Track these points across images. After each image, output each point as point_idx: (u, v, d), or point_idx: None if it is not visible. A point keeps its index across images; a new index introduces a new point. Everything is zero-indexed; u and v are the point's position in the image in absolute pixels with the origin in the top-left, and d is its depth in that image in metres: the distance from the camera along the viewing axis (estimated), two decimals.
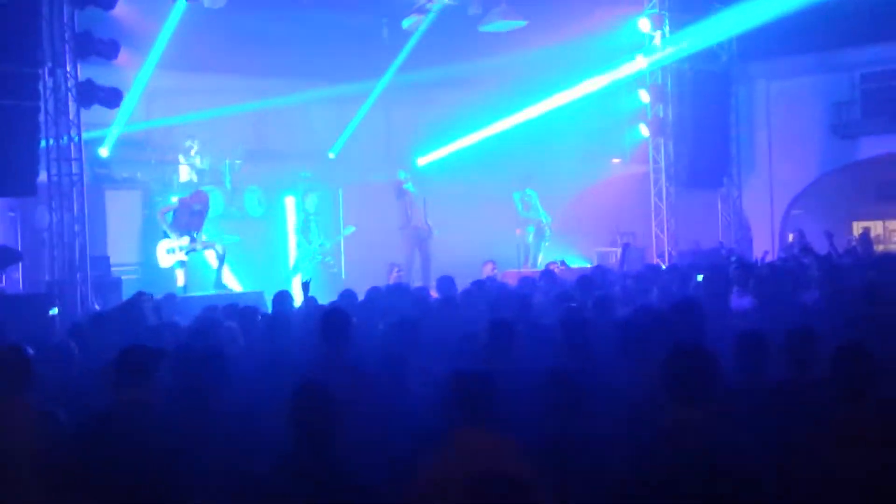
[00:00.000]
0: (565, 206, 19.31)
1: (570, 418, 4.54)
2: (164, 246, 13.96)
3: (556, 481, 4.06)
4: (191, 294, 13.52)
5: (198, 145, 16.47)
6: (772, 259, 14.73)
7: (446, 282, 10.07)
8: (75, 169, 12.57)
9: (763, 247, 18.14)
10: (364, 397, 5.00)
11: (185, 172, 16.50)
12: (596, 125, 19.19)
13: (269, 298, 10.60)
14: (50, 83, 12.27)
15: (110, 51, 12.80)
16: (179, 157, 16.61)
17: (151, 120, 16.99)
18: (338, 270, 17.58)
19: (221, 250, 14.30)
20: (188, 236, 13.97)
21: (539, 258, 17.19)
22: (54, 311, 11.29)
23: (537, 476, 4.04)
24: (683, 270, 11.00)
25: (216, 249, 14.28)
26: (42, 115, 11.94)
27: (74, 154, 12.55)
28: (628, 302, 8.54)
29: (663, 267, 13.50)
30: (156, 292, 10.13)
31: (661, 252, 17.90)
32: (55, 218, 12.42)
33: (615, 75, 17.75)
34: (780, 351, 5.33)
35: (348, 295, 9.26)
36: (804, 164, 19.37)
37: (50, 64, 12.25)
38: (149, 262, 15.06)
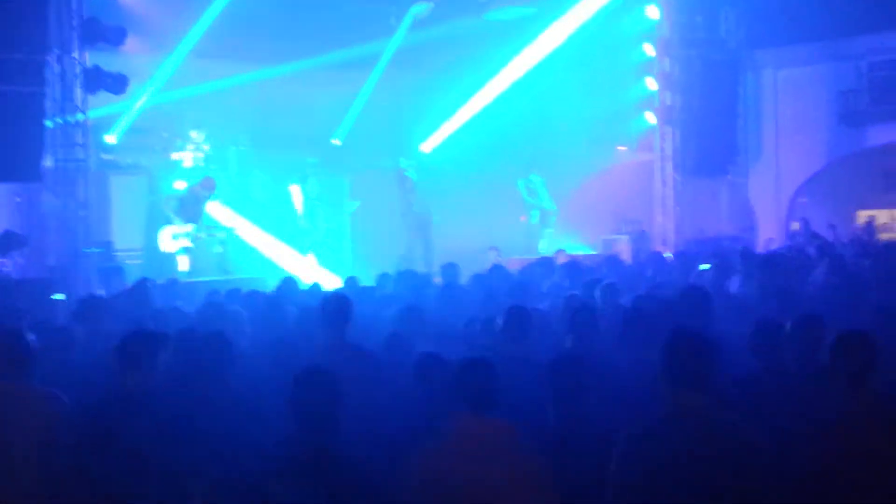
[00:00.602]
0: (571, 194, 19.25)
1: (575, 405, 4.54)
2: (169, 231, 13.99)
3: (559, 467, 4.07)
4: (194, 279, 13.53)
5: (202, 132, 16.44)
6: (777, 247, 14.70)
7: (450, 268, 10.09)
8: (80, 155, 12.60)
9: (768, 235, 18.12)
10: (367, 381, 5.01)
11: (190, 159, 16.47)
12: (602, 113, 19.13)
13: (272, 285, 10.58)
14: (57, 69, 12.27)
15: (117, 37, 12.81)
16: (184, 144, 16.58)
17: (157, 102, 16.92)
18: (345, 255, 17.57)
19: (224, 235, 14.33)
20: (193, 223, 14.00)
21: (540, 244, 17.22)
22: (59, 296, 11.30)
23: (539, 462, 4.05)
24: (688, 258, 11.00)
25: (219, 236, 14.32)
26: (48, 101, 11.95)
27: (80, 140, 12.56)
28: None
29: (667, 255, 13.45)
30: (159, 278, 10.14)
31: (665, 240, 17.87)
32: (60, 203, 12.45)
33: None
34: (786, 338, 5.32)
35: (352, 281, 9.28)
36: (811, 153, 19.31)
37: (57, 50, 12.25)
38: (153, 248, 15.08)
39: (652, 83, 18.00)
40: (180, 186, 15.21)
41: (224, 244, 14.31)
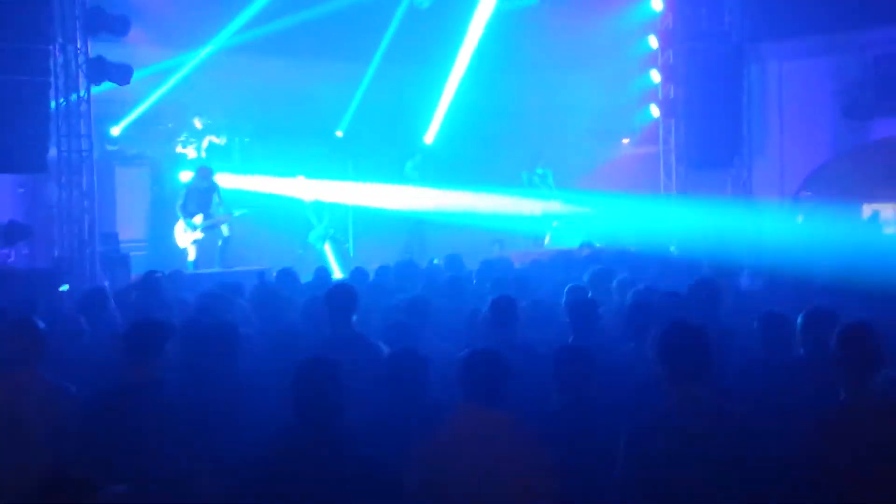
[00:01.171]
0: (575, 186, 19.23)
1: (579, 396, 4.55)
2: (181, 226, 14.08)
3: (563, 459, 4.07)
4: (199, 271, 13.56)
5: (206, 123, 16.44)
6: None
7: (454, 260, 10.11)
8: (85, 145, 12.59)
9: None
10: (371, 371, 5.01)
11: (194, 150, 16.48)
12: (606, 105, 19.10)
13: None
14: (60, 59, 12.27)
15: (121, 27, 12.79)
16: (188, 135, 16.59)
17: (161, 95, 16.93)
18: (348, 247, 17.58)
19: (227, 231, 14.39)
20: (201, 213, 14.07)
21: (546, 238, 17.22)
22: (65, 288, 11.32)
23: (542, 453, 4.06)
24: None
25: (225, 225, 14.39)
26: (52, 91, 11.95)
27: (84, 130, 12.56)
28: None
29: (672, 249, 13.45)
30: (164, 269, 10.15)
31: None
32: (64, 194, 12.45)
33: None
34: (796, 330, 5.32)
35: (359, 273, 9.28)
36: (815, 146, 19.24)
37: (60, 40, 12.24)
38: (158, 239, 15.11)
39: (656, 75, 17.97)
40: (185, 177, 15.21)
41: (226, 237, 14.35)
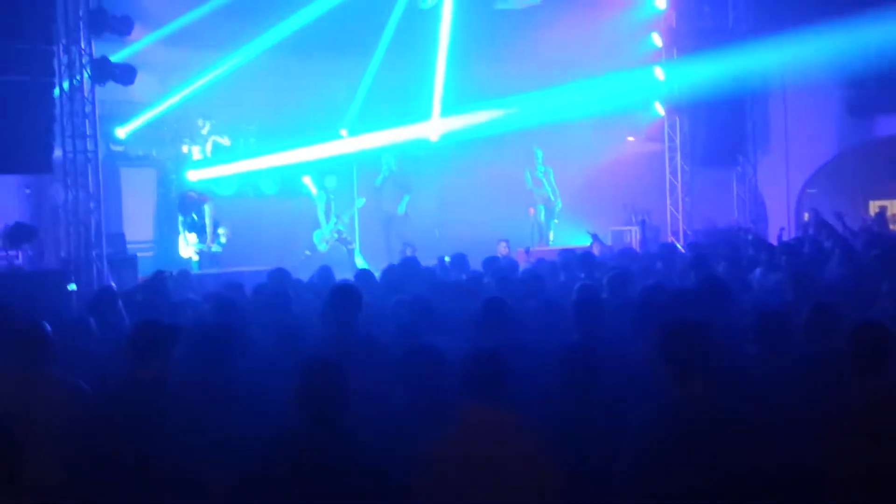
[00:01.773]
0: (580, 185, 19.24)
1: (584, 396, 4.55)
2: (181, 241, 14.34)
3: (568, 459, 4.07)
4: (206, 271, 13.63)
5: (211, 124, 16.48)
6: (788, 237, 14.67)
7: (459, 259, 10.11)
8: (90, 146, 12.62)
9: (779, 226, 18.07)
10: (378, 371, 5.01)
11: (199, 151, 16.52)
12: (611, 102, 19.09)
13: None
14: (65, 60, 12.30)
15: (124, 27, 12.82)
16: (193, 135, 16.63)
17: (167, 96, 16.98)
18: (354, 248, 17.60)
19: (225, 239, 14.58)
20: (195, 232, 14.35)
21: (550, 236, 17.23)
22: (72, 287, 11.36)
23: (548, 452, 4.06)
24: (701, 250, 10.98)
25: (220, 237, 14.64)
26: (57, 92, 11.98)
27: (89, 131, 12.59)
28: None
29: (679, 246, 13.45)
30: (171, 269, 10.19)
31: (675, 230, 17.86)
32: (70, 195, 12.48)
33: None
34: (805, 326, 5.31)
35: (365, 275, 9.27)
36: (820, 143, 19.23)
37: (64, 41, 12.27)
38: (164, 240, 15.16)
39: (660, 72, 17.96)
40: (192, 178, 15.29)
41: (222, 245, 14.55)
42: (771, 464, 3.78)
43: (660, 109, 18.19)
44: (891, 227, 17.19)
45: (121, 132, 15.75)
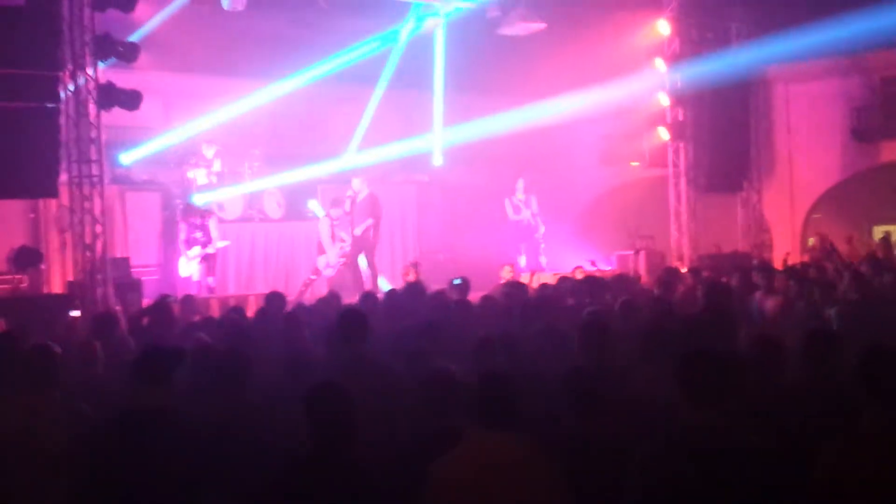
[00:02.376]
0: (584, 210, 19.25)
1: (590, 421, 4.52)
2: (181, 262, 14.46)
3: (575, 482, 4.05)
4: (212, 296, 13.62)
5: (215, 149, 16.51)
6: (794, 263, 14.64)
7: (462, 285, 10.08)
8: (95, 171, 12.64)
9: (784, 251, 18.08)
10: (386, 396, 4.99)
11: (204, 175, 16.53)
12: (615, 128, 19.14)
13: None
14: (70, 85, 12.35)
15: (130, 53, 12.87)
16: (198, 160, 16.65)
17: (171, 124, 17.04)
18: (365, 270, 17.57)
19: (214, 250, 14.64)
20: (197, 247, 14.34)
21: (542, 261, 17.19)
22: (76, 313, 11.33)
23: (558, 476, 4.03)
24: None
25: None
26: (63, 118, 12.02)
27: (94, 156, 12.62)
28: None
29: (683, 271, 13.40)
30: (176, 293, 10.18)
31: (681, 256, 17.85)
32: (76, 219, 12.50)
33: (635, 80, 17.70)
34: (802, 353, 5.28)
35: (369, 297, 9.27)
36: (824, 168, 19.26)
37: (70, 66, 12.33)
38: (169, 263, 15.17)
39: (664, 98, 18.01)
40: (197, 202, 15.31)
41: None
42: (786, 493, 3.75)
43: (664, 134, 18.20)
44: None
45: (125, 158, 15.79)
